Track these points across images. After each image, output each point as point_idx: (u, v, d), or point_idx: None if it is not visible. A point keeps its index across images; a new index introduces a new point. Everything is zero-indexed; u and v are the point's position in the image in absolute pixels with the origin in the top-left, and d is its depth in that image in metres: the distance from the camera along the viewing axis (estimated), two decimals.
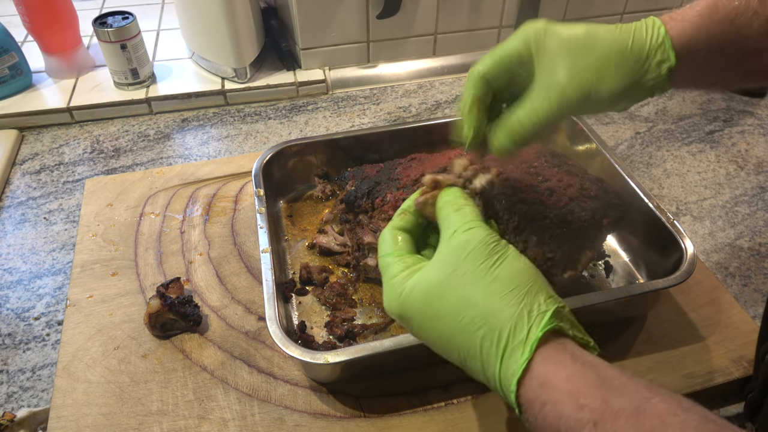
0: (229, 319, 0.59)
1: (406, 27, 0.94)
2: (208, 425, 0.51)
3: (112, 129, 0.88)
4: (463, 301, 0.38)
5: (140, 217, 0.70)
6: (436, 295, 0.39)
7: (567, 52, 0.42)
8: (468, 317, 0.37)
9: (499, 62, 0.45)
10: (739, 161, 0.82)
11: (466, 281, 0.38)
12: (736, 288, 0.65)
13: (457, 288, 0.38)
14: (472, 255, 0.39)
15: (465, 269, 0.38)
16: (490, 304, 0.37)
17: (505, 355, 0.36)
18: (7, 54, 0.86)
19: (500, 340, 0.36)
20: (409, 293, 0.40)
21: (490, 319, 0.37)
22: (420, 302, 0.39)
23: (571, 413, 0.33)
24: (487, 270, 0.38)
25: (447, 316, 0.38)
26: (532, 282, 0.38)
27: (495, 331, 0.36)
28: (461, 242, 0.40)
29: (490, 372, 0.37)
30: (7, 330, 0.60)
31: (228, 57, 0.90)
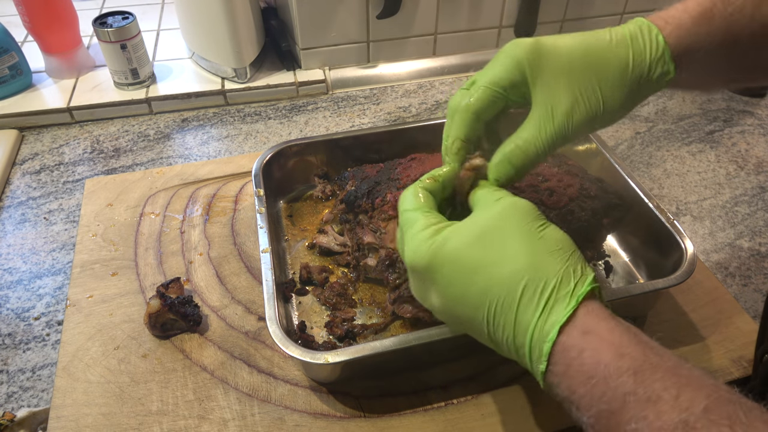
0: (229, 319, 0.59)
1: (406, 27, 0.94)
2: (208, 425, 0.51)
3: (112, 129, 0.88)
4: (506, 254, 0.38)
5: (140, 217, 0.70)
6: (477, 246, 0.38)
7: (567, 74, 0.42)
8: (510, 269, 0.37)
9: (493, 95, 0.44)
10: (739, 161, 0.82)
11: (513, 236, 0.38)
12: (736, 288, 0.65)
13: (502, 242, 0.38)
14: (519, 215, 0.39)
15: (511, 226, 0.39)
16: (536, 258, 0.37)
17: (548, 305, 0.36)
18: (7, 54, 0.86)
19: (544, 291, 0.36)
20: (442, 245, 0.39)
21: (534, 271, 0.37)
22: (454, 254, 0.39)
23: (611, 360, 0.33)
24: (534, 229, 0.39)
25: (486, 268, 0.38)
26: (574, 249, 0.39)
27: (539, 282, 0.37)
28: (509, 204, 0.40)
29: (524, 323, 0.37)
30: (7, 330, 0.60)
31: (228, 57, 0.90)
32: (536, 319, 0.36)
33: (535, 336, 0.36)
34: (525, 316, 0.37)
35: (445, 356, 0.55)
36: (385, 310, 0.59)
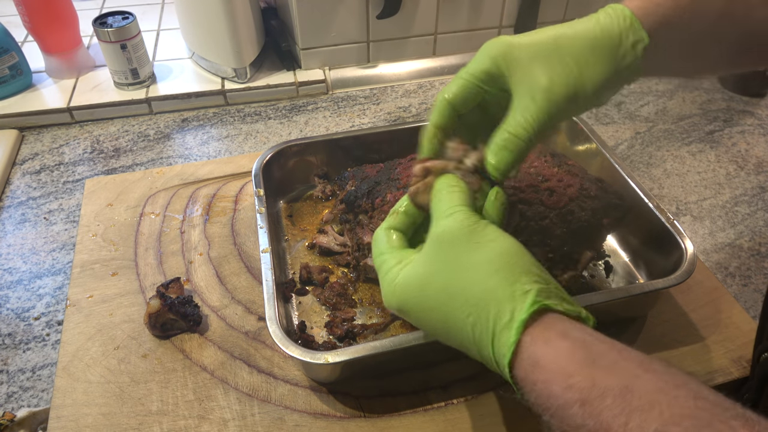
0: (229, 319, 0.59)
1: (406, 27, 0.94)
2: (208, 425, 0.51)
3: (112, 129, 0.88)
4: (447, 290, 0.38)
5: (140, 217, 0.70)
6: (423, 286, 0.40)
7: (542, 57, 0.42)
8: (455, 305, 0.38)
9: (467, 85, 0.45)
10: (739, 161, 0.82)
11: (449, 270, 0.39)
12: (736, 288, 0.65)
13: (441, 277, 0.39)
14: (450, 243, 0.39)
15: (446, 258, 0.39)
16: (473, 290, 0.37)
17: (495, 339, 0.36)
18: (7, 54, 0.86)
19: (487, 324, 0.36)
20: (403, 286, 0.41)
21: (475, 305, 0.37)
22: (412, 294, 0.40)
23: (560, 393, 0.33)
24: (467, 256, 0.38)
25: (436, 307, 0.39)
26: (513, 263, 0.38)
27: (482, 317, 0.37)
28: (442, 230, 0.40)
29: (486, 354, 0.37)
30: (7, 330, 0.60)
31: (228, 57, 0.90)
32: (491, 353, 0.37)
33: (500, 367, 0.37)
34: (483, 349, 0.37)
35: (445, 356, 0.55)
36: (385, 310, 0.59)
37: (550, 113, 0.42)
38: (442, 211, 0.41)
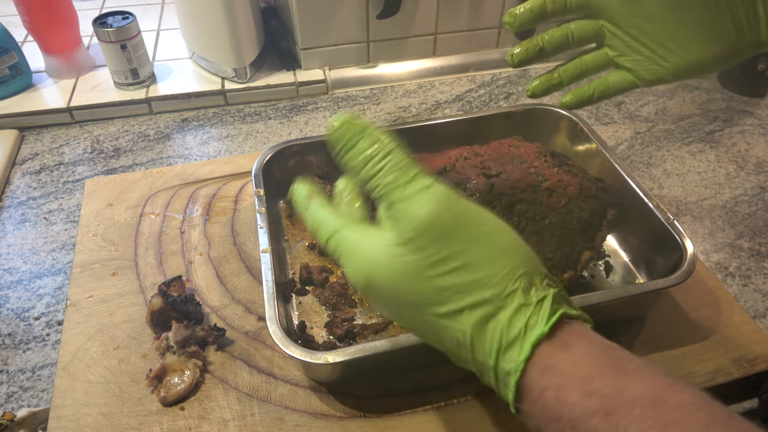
0: (229, 319, 0.59)
1: (406, 27, 0.94)
2: (208, 425, 0.51)
3: (112, 129, 0.88)
4: (445, 276, 0.34)
5: (140, 217, 0.70)
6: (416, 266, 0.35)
7: None
8: (455, 306, 0.34)
9: None
10: (739, 161, 0.82)
11: (452, 249, 0.34)
12: (736, 288, 0.65)
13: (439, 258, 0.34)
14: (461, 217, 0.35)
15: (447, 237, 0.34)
16: (482, 292, 0.33)
17: (501, 349, 0.33)
18: (7, 54, 0.86)
19: (494, 332, 0.33)
20: (386, 259, 0.36)
21: (481, 308, 0.33)
22: (391, 270, 0.35)
23: (578, 401, 0.29)
24: (471, 239, 0.34)
25: (425, 293, 0.34)
26: (525, 260, 0.35)
27: (487, 321, 0.33)
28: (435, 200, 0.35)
29: (481, 359, 0.34)
30: (7, 330, 0.60)
31: (228, 57, 0.90)
32: (491, 361, 0.33)
33: (499, 382, 0.34)
34: (481, 356, 0.34)
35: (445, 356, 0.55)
36: None
37: (667, 79, 0.47)
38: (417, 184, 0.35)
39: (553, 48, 0.50)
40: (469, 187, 0.55)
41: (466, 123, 0.73)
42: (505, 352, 0.33)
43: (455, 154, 0.60)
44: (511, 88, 0.97)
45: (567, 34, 0.50)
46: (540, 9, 0.49)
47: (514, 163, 0.58)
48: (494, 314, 0.33)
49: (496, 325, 0.33)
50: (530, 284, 0.34)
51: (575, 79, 0.52)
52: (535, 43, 0.50)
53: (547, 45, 0.50)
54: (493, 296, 0.33)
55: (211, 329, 0.56)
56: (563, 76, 0.52)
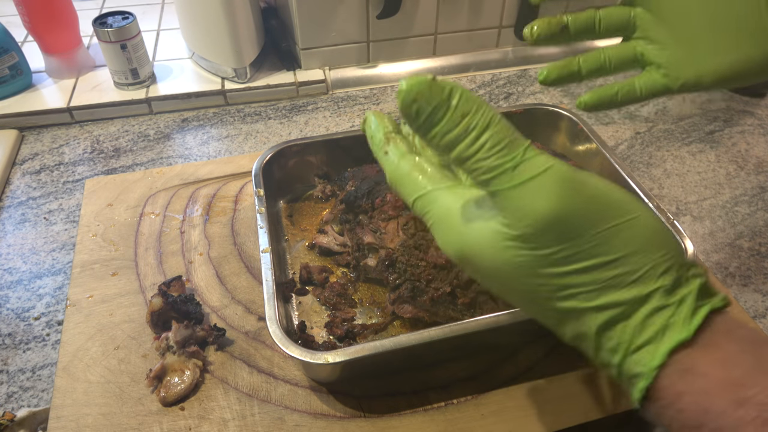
0: (229, 319, 0.59)
1: (406, 27, 0.94)
2: (208, 425, 0.51)
3: (112, 129, 0.88)
4: (576, 253, 0.29)
5: (140, 217, 0.70)
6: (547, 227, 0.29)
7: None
8: (578, 305, 0.29)
9: None
10: (739, 161, 0.82)
11: (583, 224, 0.29)
12: (736, 288, 0.65)
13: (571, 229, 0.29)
14: (590, 191, 0.29)
15: (581, 207, 0.29)
16: (614, 294, 0.29)
17: (628, 354, 0.29)
18: (7, 54, 0.86)
19: (623, 335, 0.29)
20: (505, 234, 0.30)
21: (610, 310, 0.29)
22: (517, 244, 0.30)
23: (727, 408, 0.25)
24: (610, 218, 0.29)
25: (548, 271, 0.29)
26: (668, 250, 0.30)
27: (618, 325, 0.29)
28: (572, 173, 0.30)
29: (606, 363, 0.30)
30: (7, 330, 0.60)
31: (228, 57, 0.90)
32: (618, 362, 0.30)
33: (623, 376, 0.30)
34: (610, 357, 0.30)
35: (445, 356, 0.55)
36: (385, 310, 0.59)
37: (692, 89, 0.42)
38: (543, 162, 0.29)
39: (578, 28, 0.44)
40: None
41: None
42: (634, 353, 0.29)
43: None
44: (511, 88, 0.97)
45: (594, 17, 0.45)
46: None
47: None
48: (627, 316, 0.29)
49: (627, 325, 0.29)
50: (673, 281, 0.29)
51: (595, 72, 0.47)
52: (559, 20, 0.44)
53: (571, 24, 0.44)
54: (629, 299, 0.29)
55: (211, 329, 0.56)
56: (582, 64, 0.46)
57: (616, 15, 0.45)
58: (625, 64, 0.47)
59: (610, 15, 0.45)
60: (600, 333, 0.30)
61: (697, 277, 0.30)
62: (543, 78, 0.47)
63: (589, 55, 0.47)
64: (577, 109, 0.49)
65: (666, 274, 0.29)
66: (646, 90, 0.46)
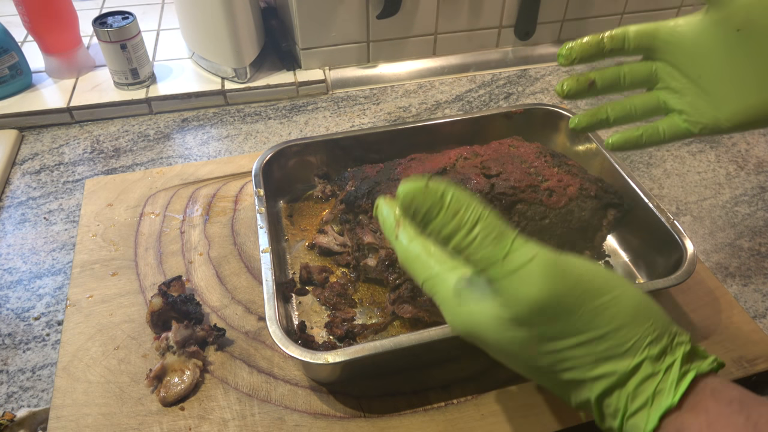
0: (229, 319, 0.59)
1: (406, 27, 0.94)
2: (208, 425, 0.51)
3: (112, 129, 0.88)
4: (567, 330, 0.32)
5: (140, 217, 0.70)
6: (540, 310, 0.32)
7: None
8: (577, 376, 0.32)
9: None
10: (739, 161, 0.82)
11: (575, 305, 0.32)
12: (736, 288, 0.65)
13: (562, 311, 0.32)
14: (577, 275, 0.32)
15: (572, 289, 0.32)
16: (606, 366, 0.32)
17: (626, 418, 0.32)
18: (7, 54, 0.86)
19: (619, 401, 0.32)
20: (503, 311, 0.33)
21: (605, 379, 0.32)
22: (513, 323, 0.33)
23: None
24: (598, 297, 0.32)
25: (544, 347, 0.33)
26: (653, 322, 0.33)
27: (615, 392, 0.32)
28: (565, 260, 0.33)
29: (608, 425, 0.33)
30: (7, 330, 0.60)
31: (228, 57, 0.90)
32: (618, 425, 0.32)
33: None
34: (604, 418, 0.33)
35: (445, 356, 0.55)
36: (385, 310, 0.60)
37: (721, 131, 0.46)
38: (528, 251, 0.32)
39: (604, 84, 0.49)
40: (469, 187, 0.55)
41: (466, 123, 0.73)
42: (631, 418, 0.32)
43: (455, 154, 0.60)
44: (511, 88, 0.97)
45: (619, 73, 0.49)
46: (597, 44, 0.48)
47: (514, 163, 0.58)
48: (622, 384, 0.32)
49: (622, 393, 0.32)
50: (660, 350, 0.32)
51: (622, 119, 0.51)
52: (588, 77, 0.49)
53: (598, 80, 0.49)
54: (619, 369, 0.32)
55: (211, 329, 0.56)
56: (611, 113, 0.51)
57: (640, 70, 0.49)
58: (649, 111, 0.50)
59: (633, 71, 0.49)
60: (600, 400, 0.33)
61: (681, 344, 0.33)
62: (574, 125, 0.52)
63: (617, 103, 0.51)
64: (606, 148, 0.54)
65: (653, 344, 0.32)
66: (670, 134, 0.50)
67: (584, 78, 0.49)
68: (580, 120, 0.52)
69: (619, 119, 0.51)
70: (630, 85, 0.50)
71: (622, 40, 0.47)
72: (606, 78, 0.49)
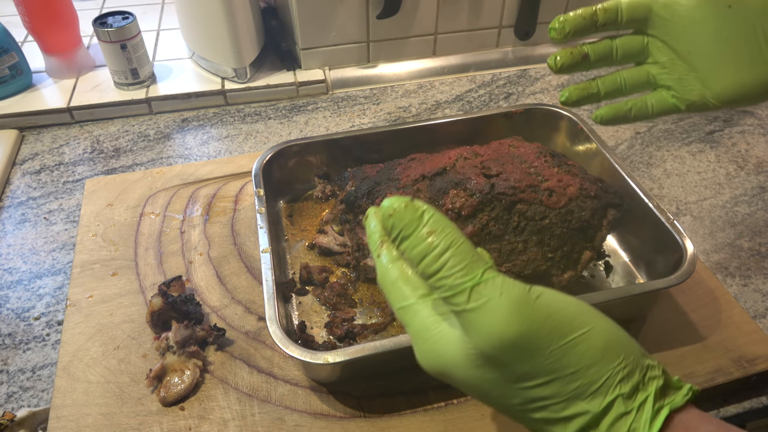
0: (229, 319, 0.59)
1: (406, 27, 0.94)
2: (208, 425, 0.51)
3: (112, 129, 0.88)
4: (539, 370, 0.31)
5: (140, 217, 0.70)
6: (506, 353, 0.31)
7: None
8: (549, 415, 0.32)
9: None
10: (739, 161, 0.82)
11: (545, 342, 0.31)
12: (736, 288, 0.65)
13: (534, 350, 0.31)
14: (547, 311, 0.31)
15: (540, 327, 0.31)
16: (578, 405, 0.31)
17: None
18: (7, 54, 0.86)
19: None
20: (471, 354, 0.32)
21: (578, 419, 0.31)
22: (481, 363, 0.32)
23: None
24: (566, 335, 0.31)
25: (515, 387, 0.32)
26: (624, 356, 0.32)
27: (584, 416, 0.31)
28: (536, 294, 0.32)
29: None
30: (7, 330, 0.60)
31: (228, 57, 0.90)
32: None
33: None
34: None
35: None
36: (385, 310, 0.60)
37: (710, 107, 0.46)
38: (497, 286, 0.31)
39: (597, 57, 0.49)
40: (469, 187, 0.55)
41: (466, 123, 0.73)
42: None
43: (455, 154, 0.60)
44: (511, 88, 0.97)
45: (612, 46, 0.49)
46: (591, 17, 0.47)
47: (514, 163, 0.58)
48: (595, 424, 0.31)
49: (597, 423, 0.31)
50: (632, 387, 0.31)
51: (612, 93, 0.51)
52: (581, 50, 0.49)
53: (591, 52, 0.49)
54: (591, 409, 0.31)
55: (211, 329, 0.56)
56: (601, 86, 0.51)
57: (631, 43, 0.49)
58: (638, 85, 0.51)
59: (625, 44, 0.49)
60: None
61: (654, 379, 0.32)
62: (565, 99, 0.52)
63: (606, 77, 0.51)
64: (593, 121, 0.53)
65: (624, 381, 0.31)
66: (658, 109, 0.50)
67: (578, 51, 0.49)
68: (570, 93, 0.51)
69: (609, 93, 0.51)
70: (622, 58, 0.50)
71: (615, 12, 0.47)
72: (598, 51, 0.49)
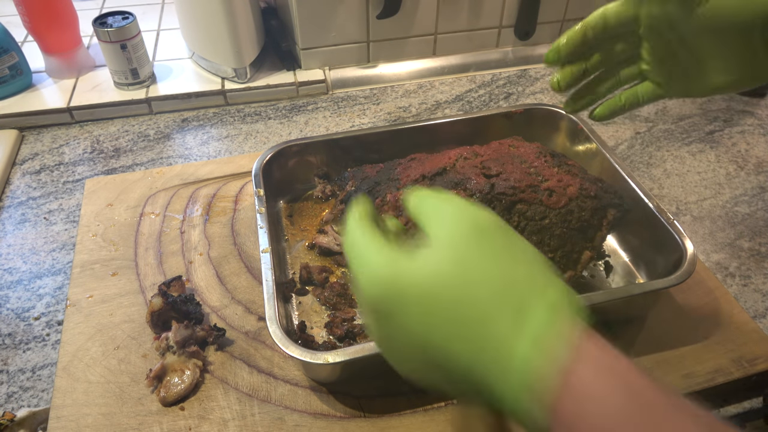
0: (229, 319, 0.59)
1: (406, 27, 0.94)
2: (208, 425, 0.51)
3: (112, 129, 0.88)
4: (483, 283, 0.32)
5: (140, 217, 0.70)
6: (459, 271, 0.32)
7: None
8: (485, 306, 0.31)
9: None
10: (739, 161, 0.82)
11: (485, 258, 0.33)
12: (736, 288, 0.65)
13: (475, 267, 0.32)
14: (487, 230, 0.34)
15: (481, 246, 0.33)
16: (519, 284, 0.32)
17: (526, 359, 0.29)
18: (7, 54, 0.86)
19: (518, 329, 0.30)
20: (427, 273, 0.33)
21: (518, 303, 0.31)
22: (435, 282, 0.32)
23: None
24: (510, 246, 0.34)
25: (457, 303, 0.31)
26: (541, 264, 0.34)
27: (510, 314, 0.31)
28: (477, 216, 0.34)
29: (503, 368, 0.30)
30: (7, 330, 0.60)
31: (228, 57, 0.90)
32: (513, 378, 0.30)
33: (523, 395, 0.29)
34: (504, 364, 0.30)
35: None
36: None
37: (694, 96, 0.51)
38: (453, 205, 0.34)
39: (594, 68, 0.54)
40: (469, 187, 0.55)
41: (466, 123, 0.73)
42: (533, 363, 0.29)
43: (455, 154, 0.60)
44: (511, 88, 0.97)
45: (606, 56, 0.54)
46: (582, 38, 0.51)
47: (514, 163, 0.58)
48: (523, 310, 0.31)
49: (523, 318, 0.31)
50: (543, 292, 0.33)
51: (610, 89, 0.56)
52: (579, 67, 0.53)
53: (590, 66, 0.53)
54: None
55: (211, 329, 0.56)
56: (599, 88, 0.56)
57: (623, 50, 0.53)
58: (630, 78, 0.55)
59: (618, 52, 0.53)
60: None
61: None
62: (571, 110, 0.58)
63: (602, 79, 0.55)
64: (592, 120, 0.57)
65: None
66: (646, 98, 0.54)
67: (577, 68, 0.54)
68: (574, 106, 0.57)
69: (608, 92, 0.56)
70: (617, 64, 0.54)
71: (602, 28, 0.51)
72: (594, 63, 0.54)
